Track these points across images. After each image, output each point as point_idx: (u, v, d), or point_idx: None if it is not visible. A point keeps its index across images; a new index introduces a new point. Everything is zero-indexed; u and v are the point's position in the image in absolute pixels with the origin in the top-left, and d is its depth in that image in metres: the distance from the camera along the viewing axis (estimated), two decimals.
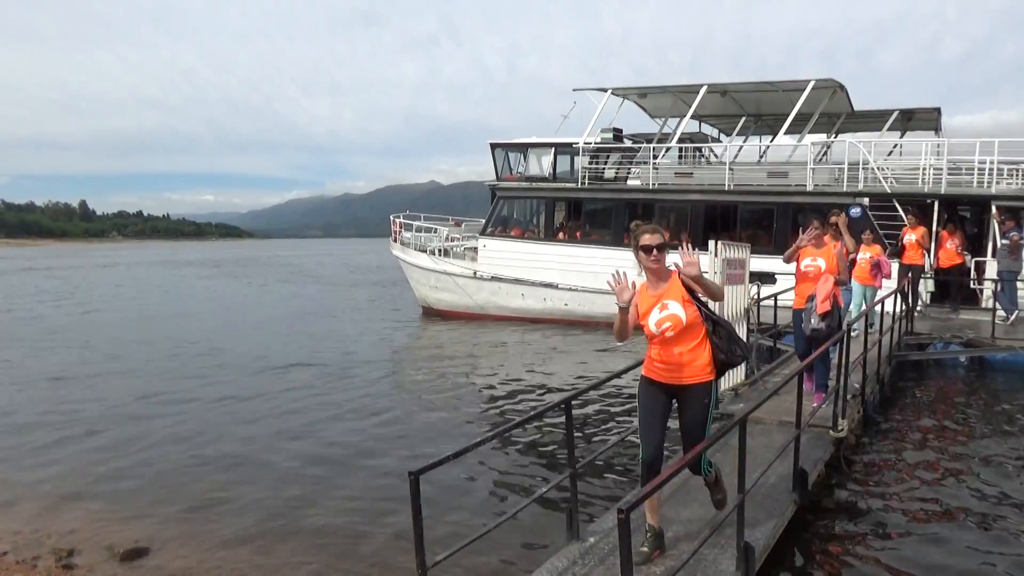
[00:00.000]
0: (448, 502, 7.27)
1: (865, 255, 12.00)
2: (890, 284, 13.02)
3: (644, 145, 20.82)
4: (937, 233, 15.94)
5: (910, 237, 14.10)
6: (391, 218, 24.56)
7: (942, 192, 16.46)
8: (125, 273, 52.55)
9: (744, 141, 24.56)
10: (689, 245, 4.53)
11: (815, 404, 7.43)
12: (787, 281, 9.24)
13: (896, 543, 5.94)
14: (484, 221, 22.33)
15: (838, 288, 7.80)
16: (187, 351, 17.16)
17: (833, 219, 9.45)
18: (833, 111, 20.80)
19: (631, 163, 20.96)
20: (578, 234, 20.85)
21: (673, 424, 4.70)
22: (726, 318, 8.72)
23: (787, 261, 8.10)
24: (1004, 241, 14.28)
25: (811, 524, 6.14)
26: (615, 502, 6.27)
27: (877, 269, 11.88)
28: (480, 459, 8.44)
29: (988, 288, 15.08)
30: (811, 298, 7.60)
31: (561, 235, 21.06)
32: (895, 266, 13.54)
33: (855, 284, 11.83)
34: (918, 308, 14.31)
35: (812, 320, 7.49)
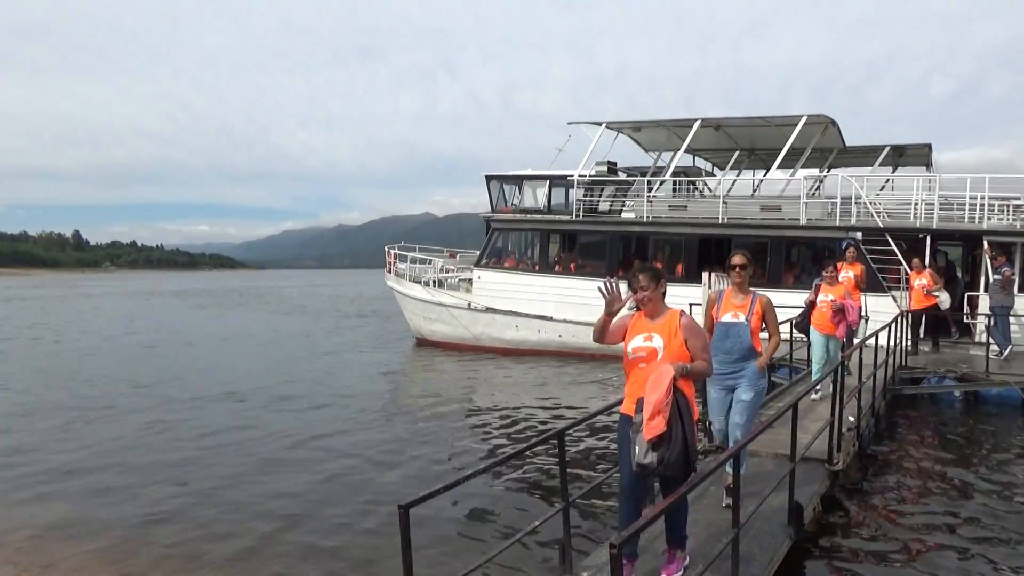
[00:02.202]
0: (439, 536, 7.16)
1: (827, 297, 9.68)
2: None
3: (638, 178, 20.95)
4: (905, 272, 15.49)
5: (847, 274, 11.47)
6: (386, 249, 24.58)
7: (934, 227, 16.57)
8: (117, 303, 52.36)
9: (738, 175, 24.76)
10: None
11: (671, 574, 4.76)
12: (783, 313, 9.12)
13: None
14: (479, 253, 22.36)
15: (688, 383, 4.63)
16: (177, 381, 17.02)
17: (737, 261, 6.04)
18: (825, 146, 21.02)
19: (625, 196, 21.07)
20: (572, 266, 20.88)
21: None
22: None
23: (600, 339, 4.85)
24: (996, 276, 14.34)
25: (806, 559, 6.06)
26: (609, 536, 6.19)
27: (842, 315, 9.59)
28: (472, 492, 8.34)
29: (981, 323, 15.11)
30: (640, 405, 4.49)
31: (556, 267, 21.08)
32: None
33: (814, 334, 9.83)
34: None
35: (637, 449, 4.41)
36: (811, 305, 9.83)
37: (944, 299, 14.25)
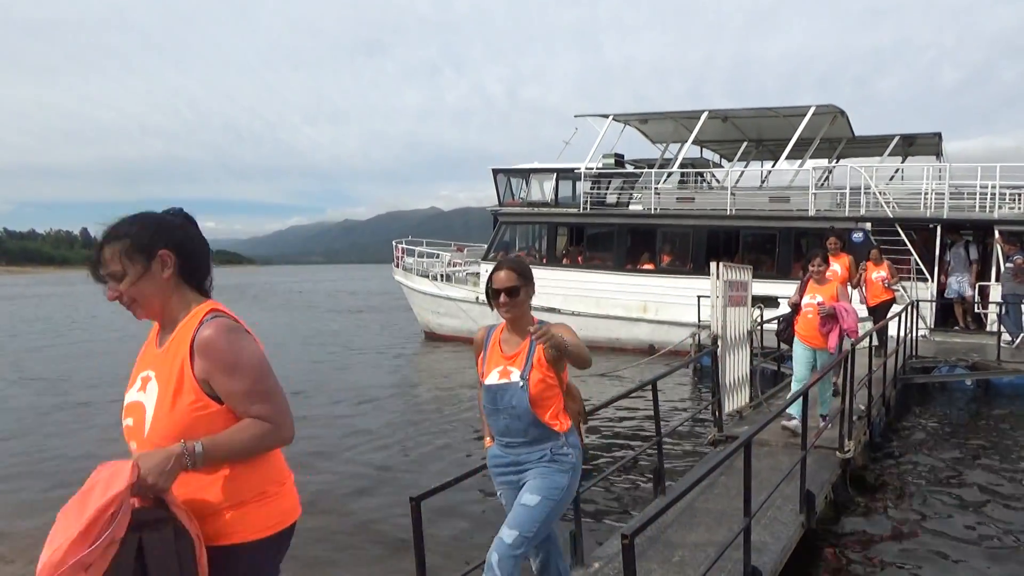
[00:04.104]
0: (451, 528, 7.18)
1: (814, 299, 7.59)
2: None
3: (646, 170, 20.90)
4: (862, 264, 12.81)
5: (835, 268, 9.83)
6: (393, 244, 24.59)
7: (944, 217, 16.48)
8: None
9: (745, 166, 24.67)
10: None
11: None
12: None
13: (904, 567, 5.85)
14: (486, 246, 22.34)
15: None
16: None
17: (500, 284, 3.79)
18: (834, 136, 20.90)
19: (633, 188, 21.02)
20: (580, 259, 20.85)
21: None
22: (728, 342, 8.63)
23: None
24: (1008, 265, 14.26)
25: (819, 548, 6.05)
26: (620, 526, 6.20)
27: (833, 322, 7.50)
28: (483, 484, 8.30)
29: (992, 311, 15.03)
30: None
31: (564, 260, 21.06)
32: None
33: (798, 346, 7.85)
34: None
35: None
36: (795, 309, 7.89)
37: (900, 293, 12.31)
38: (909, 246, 16.34)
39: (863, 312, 11.45)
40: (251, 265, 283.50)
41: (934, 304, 15.94)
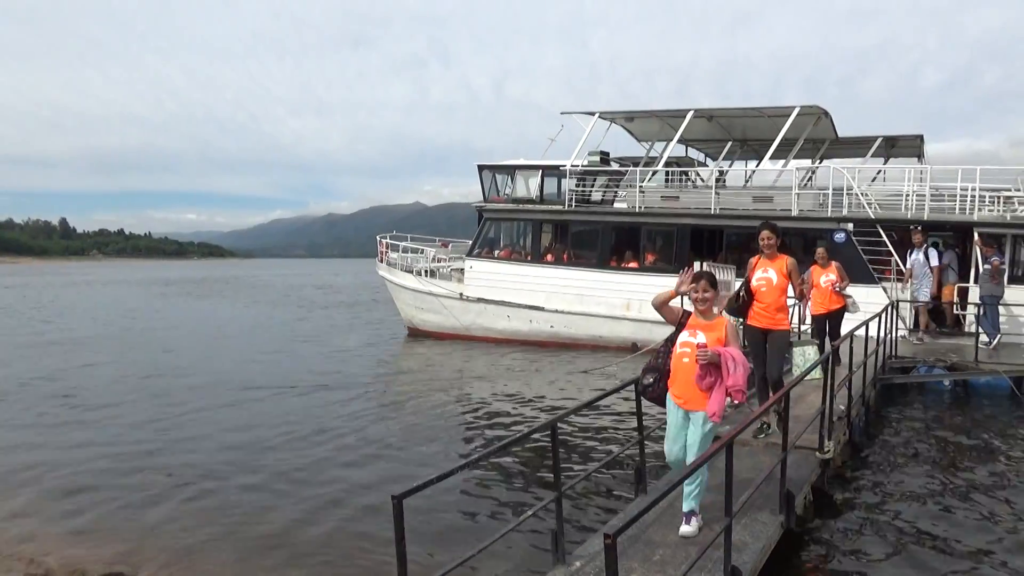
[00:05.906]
0: (432, 526, 7.17)
1: (694, 338, 5.34)
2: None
3: (631, 168, 20.93)
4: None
5: (765, 275, 7.64)
6: (378, 238, 24.50)
7: (925, 218, 16.64)
8: (107, 292, 52.09)
9: (730, 165, 24.78)
10: None
11: None
12: None
13: (882, 567, 5.91)
14: (471, 242, 22.32)
15: None
16: (163, 373, 16.95)
17: None
18: (818, 137, 21.03)
19: (618, 186, 21.05)
20: (564, 256, 20.86)
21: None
22: None
23: None
24: (986, 266, 14.42)
25: (798, 547, 6.10)
26: (601, 525, 6.22)
27: (716, 374, 5.22)
28: (465, 482, 8.35)
29: (971, 313, 15.18)
30: None
31: (548, 257, 21.07)
32: None
33: (671, 407, 5.47)
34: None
35: None
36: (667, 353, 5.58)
37: (852, 301, 10.69)
38: (890, 247, 16.49)
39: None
40: (233, 258, 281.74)
41: (912, 305, 16.08)
